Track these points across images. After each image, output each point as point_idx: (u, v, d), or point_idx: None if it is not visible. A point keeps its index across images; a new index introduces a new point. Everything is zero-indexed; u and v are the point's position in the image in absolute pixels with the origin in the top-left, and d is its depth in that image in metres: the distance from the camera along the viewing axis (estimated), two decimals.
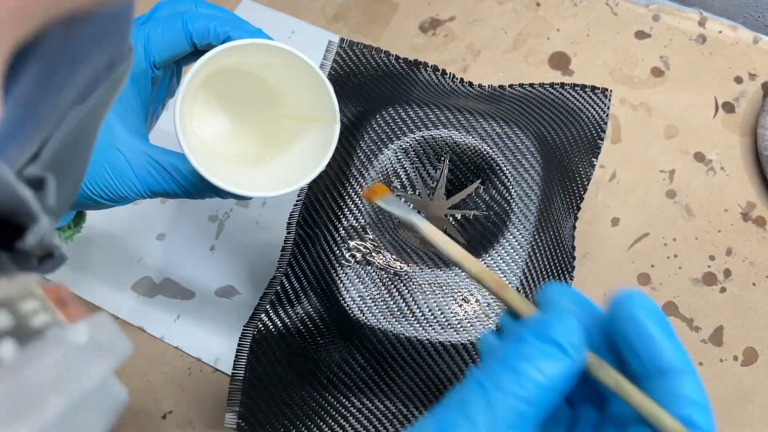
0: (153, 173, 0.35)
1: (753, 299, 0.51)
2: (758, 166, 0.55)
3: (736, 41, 0.60)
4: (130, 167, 0.34)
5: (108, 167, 0.34)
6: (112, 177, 0.34)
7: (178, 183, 0.35)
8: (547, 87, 0.50)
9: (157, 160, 0.34)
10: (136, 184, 0.35)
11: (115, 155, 0.34)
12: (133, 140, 0.34)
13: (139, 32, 0.35)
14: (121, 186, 0.35)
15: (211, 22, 0.35)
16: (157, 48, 0.35)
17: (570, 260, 0.46)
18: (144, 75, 0.35)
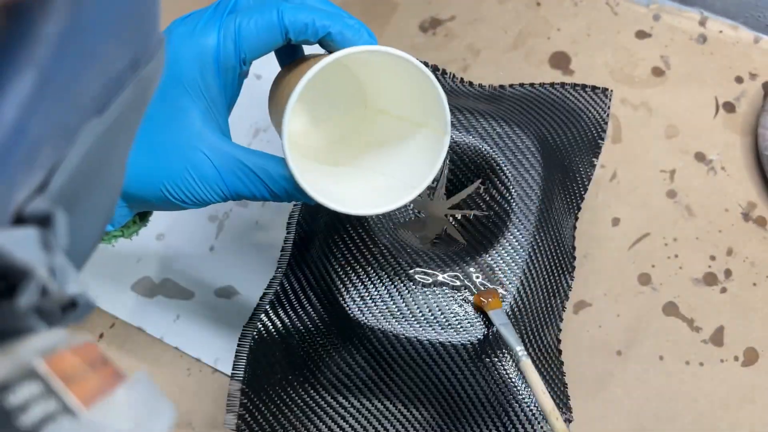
0: (242, 177, 0.32)
1: (754, 299, 0.51)
2: (759, 166, 0.55)
3: (736, 41, 0.60)
4: (217, 172, 0.32)
5: (192, 171, 0.32)
6: (197, 181, 0.32)
7: (268, 188, 0.32)
8: (548, 87, 0.50)
9: (247, 164, 0.32)
10: (222, 188, 0.32)
11: (200, 158, 0.32)
12: (218, 141, 0.32)
13: (228, 24, 0.32)
14: (206, 190, 0.32)
15: (309, 16, 0.31)
16: (248, 43, 0.32)
17: (570, 260, 0.46)
18: (233, 71, 0.33)
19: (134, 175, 0.33)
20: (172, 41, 0.32)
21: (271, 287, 0.44)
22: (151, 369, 0.51)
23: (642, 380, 0.49)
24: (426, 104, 0.33)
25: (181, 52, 0.32)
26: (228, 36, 0.32)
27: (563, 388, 0.45)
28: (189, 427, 0.49)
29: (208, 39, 0.32)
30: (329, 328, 0.43)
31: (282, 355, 0.44)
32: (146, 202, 0.34)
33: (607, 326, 0.50)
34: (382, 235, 0.43)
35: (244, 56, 0.32)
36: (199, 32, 0.32)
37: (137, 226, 0.39)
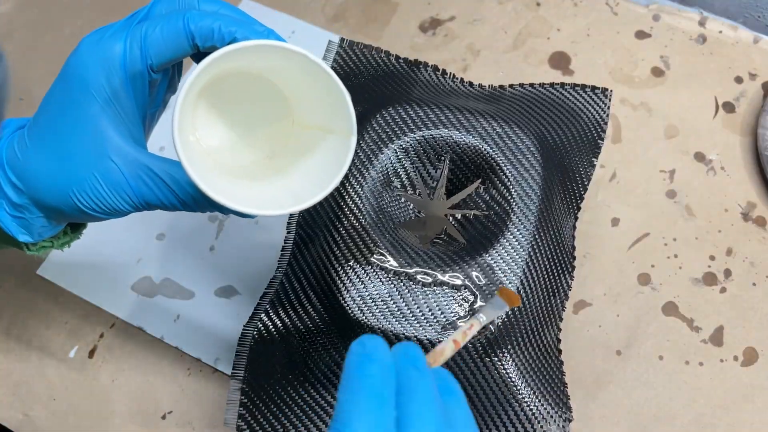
0: (149, 184, 0.32)
1: (753, 299, 0.51)
2: (758, 166, 0.55)
3: (736, 41, 0.60)
4: (124, 178, 0.32)
5: (100, 177, 0.32)
6: (104, 188, 0.32)
7: (176, 195, 0.33)
8: (548, 87, 0.50)
9: (154, 170, 0.32)
10: (130, 195, 0.33)
11: (107, 165, 0.32)
12: (128, 148, 0.32)
13: (135, 31, 0.32)
14: (114, 198, 0.33)
15: (215, 22, 0.32)
16: (155, 49, 0.32)
17: (570, 260, 0.46)
18: (141, 78, 0.33)
19: (44, 182, 0.33)
20: (81, 49, 0.33)
21: (271, 287, 0.44)
22: (151, 369, 0.51)
23: (642, 380, 0.49)
24: (334, 106, 0.33)
25: (88, 59, 0.32)
26: (134, 42, 0.32)
27: (563, 388, 0.45)
28: (189, 426, 0.49)
29: (114, 46, 0.32)
30: (329, 327, 0.43)
31: (282, 354, 0.44)
32: (60, 211, 0.34)
33: (607, 326, 0.50)
34: (382, 235, 0.43)
35: (151, 62, 0.32)
36: (106, 40, 0.32)
37: (68, 238, 0.40)
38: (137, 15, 0.34)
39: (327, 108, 0.34)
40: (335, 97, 0.32)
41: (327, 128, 0.34)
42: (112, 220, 0.55)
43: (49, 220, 0.36)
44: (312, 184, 0.33)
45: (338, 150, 0.33)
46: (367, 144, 0.44)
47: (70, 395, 0.50)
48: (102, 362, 0.51)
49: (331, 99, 0.32)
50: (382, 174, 0.44)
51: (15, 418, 0.50)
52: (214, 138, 0.37)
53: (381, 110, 0.45)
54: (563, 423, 0.44)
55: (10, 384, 0.51)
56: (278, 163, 0.37)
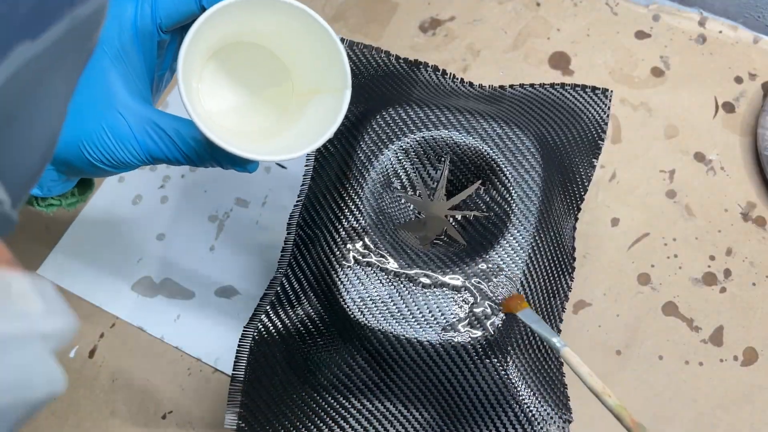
0: (155, 138, 0.33)
1: (753, 299, 0.51)
2: (758, 166, 0.55)
3: (736, 41, 0.60)
4: (130, 130, 0.33)
5: (108, 129, 0.33)
6: (112, 140, 0.33)
7: (180, 149, 0.34)
8: (548, 87, 0.50)
9: (160, 125, 0.33)
10: (136, 148, 0.33)
11: (116, 117, 0.33)
12: (136, 103, 0.33)
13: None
14: (120, 150, 0.33)
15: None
16: (164, 10, 0.33)
17: (570, 261, 0.46)
18: (149, 37, 0.34)
19: None
20: None
21: (271, 287, 0.44)
22: (151, 369, 0.51)
23: (641, 380, 0.49)
24: (330, 63, 0.34)
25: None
26: (145, 2, 0.33)
27: (563, 389, 0.45)
28: (189, 426, 0.49)
29: (126, 4, 0.33)
30: (329, 328, 0.43)
31: (282, 355, 0.44)
32: (69, 164, 0.35)
33: (607, 326, 0.50)
34: (382, 236, 0.43)
35: (160, 22, 0.33)
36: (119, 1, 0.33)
37: (76, 199, 0.40)
38: None
39: (323, 66, 0.35)
40: (331, 52, 0.33)
41: (323, 89, 0.36)
42: (113, 221, 0.55)
43: (59, 174, 0.36)
44: (309, 139, 0.34)
45: (333, 105, 0.34)
46: (367, 144, 0.44)
47: (70, 395, 0.50)
48: (102, 362, 0.51)
49: (326, 54, 0.34)
50: (382, 175, 0.44)
51: None
52: (218, 103, 0.38)
53: (381, 111, 0.45)
54: (563, 424, 0.44)
55: None
56: (279, 127, 0.38)
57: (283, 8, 0.32)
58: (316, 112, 0.36)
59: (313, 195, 0.44)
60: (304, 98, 0.37)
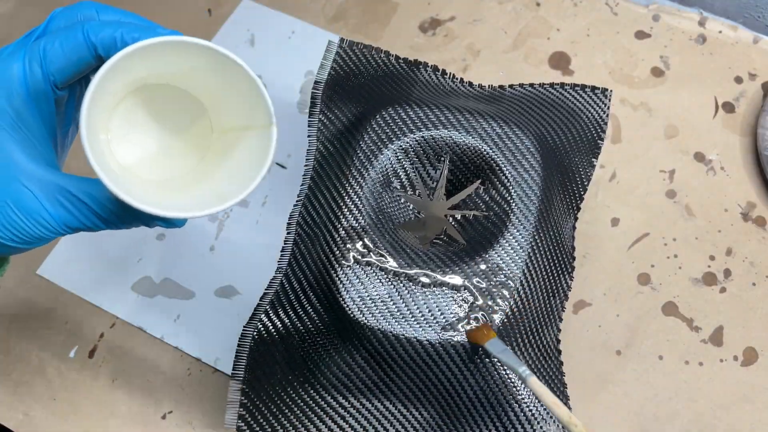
0: (67, 206, 0.30)
1: (753, 299, 0.51)
2: (758, 166, 0.55)
3: (736, 41, 0.60)
4: (39, 203, 0.30)
5: (13, 205, 0.30)
6: (20, 216, 0.30)
7: (97, 214, 0.31)
8: (547, 87, 0.50)
9: (71, 191, 0.30)
10: (48, 220, 0.30)
11: (20, 191, 0.30)
12: (40, 170, 0.30)
13: (33, 49, 0.30)
14: (30, 225, 0.30)
15: (117, 30, 0.30)
16: (56, 65, 0.30)
17: (570, 260, 0.46)
18: (45, 97, 0.31)
19: None
20: None
21: (271, 287, 0.44)
22: (151, 369, 0.51)
23: (641, 380, 0.49)
24: (251, 100, 0.32)
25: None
26: (33, 60, 0.30)
27: (563, 388, 0.45)
28: (189, 426, 0.49)
29: (12, 67, 0.30)
30: (329, 328, 0.43)
31: (282, 355, 0.44)
32: None
33: (607, 326, 0.50)
34: (382, 236, 0.43)
35: (54, 79, 0.31)
36: (3, 61, 0.31)
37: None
38: (33, 33, 0.32)
39: (244, 103, 0.32)
40: (250, 90, 0.31)
41: (246, 126, 0.33)
42: None
43: None
44: (238, 183, 0.32)
45: (261, 144, 0.32)
46: (367, 144, 0.44)
47: (70, 395, 0.50)
48: (102, 362, 0.51)
49: (245, 91, 0.31)
50: (381, 174, 0.44)
51: (15, 418, 0.50)
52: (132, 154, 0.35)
53: (381, 110, 0.45)
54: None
55: (10, 384, 0.51)
56: (203, 170, 0.35)
57: (191, 49, 0.30)
58: (244, 152, 0.33)
59: (313, 195, 0.44)
60: (228, 136, 0.35)
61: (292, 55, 0.61)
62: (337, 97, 0.47)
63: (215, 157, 0.35)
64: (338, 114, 0.47)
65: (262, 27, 0.62)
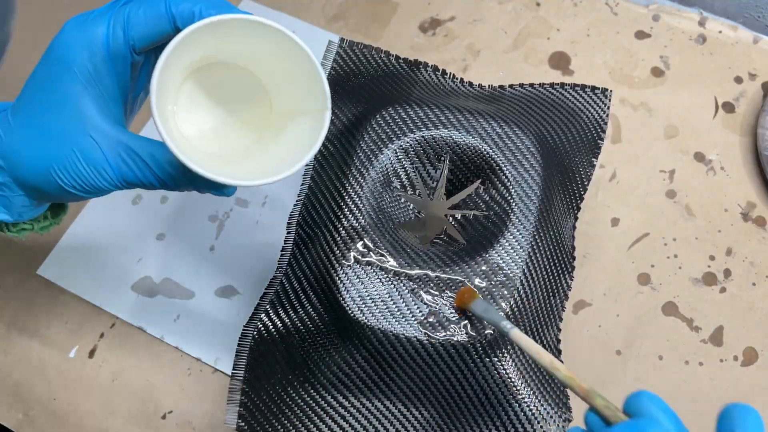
0: (129, 162, 0.33)
1: (753, 299, 0.51)
2: (758, 166, 0.55)
3: (736, 41, 0.60)
4: (104, 156, 0.33)
5: (80, 155, 0.33)
6: (84, 165, 0.33)
7: (155, 174, 0.33)
8: (547, 87, 0.50)
9: (134, 149, 0.33)
10: (110, 173, 0.33)
11: (88, 142, 0.33)
12: (108, 127, 0.33)
13: (119, 14, 0.33)
14: (93, 175, 0.33)
15: (196, 5, 0.32)
16: (137, 31, 0.32)
17: (570, 260, 0.46)
18: (123, 59, 0.33)
19: (26, 160, 0.33)
20: (64, 30, 0.33)
21: (271, 287, 0.44)
22: (151, 369, 0.51)
23: (641, 380, 0.49)
24: (309, 84, 0.33)
25: (71, 39, 0.33)
26: (117, 24, 0.33)
27: (563, 388, 0.45)
28: (189, 426, 0.49)
29: (97, 27, 0.33)
30: (329, 327, 0.43)
31: (282, 354, 0.44)
32: (40, 190, 0.35)
33: (607, 326, 0.50)
34: (382, 236, 0.43)
35: (134, 44, 0.33)
36: (90, 21, 0.33)
37: (48, 222, 0.40)
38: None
39: (302, 86, 0.34)
40: (310, 73, 0.33)
41: (302, 110, 0.35)
42: (113, 221, 0.55)
43: (30, 199, 0.36)
44: (288, 160, 0.33)
45: (313, 126, 0.34)
46: (367, 144, 0.44)
47: (70, 395, 0.50)
48: (102, 362, 0.51)
49: (306, 74, 0.33)
50: (381, 174, 0.44)
51: (15, 418, 0.50)
52: (195, 125, 0.37)
53: (381, 110, 0.45)
54: (563, 423, 0.44)
55: (10, 384, 0.51)
56: (258, 148, 0.37)
57: (259, 29, 0.32)
58: (295, 134, 0.35)
59: (313, 194, 0.44)
60: (283, 118, 0.37)
61: None
62: (337, 97, 0.47)
63: (270, 136, 0.37)
64: (338, 114, 0.47)
65: None
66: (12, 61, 0.63)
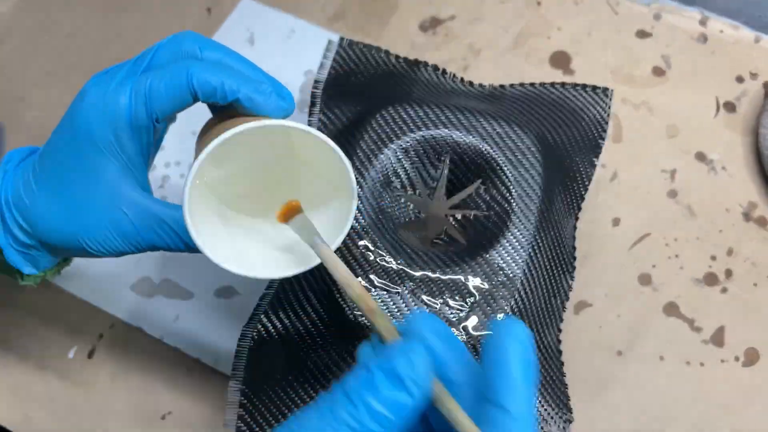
0: (158, 231, 0.34)
1: (755, 299, 0.51)
2: (760, 166, 0.55)
3: (737, 40, 0.60)
4: (133, 226, 0.34)
5: (111, 227, 0.34)
6: (115, 237, 0.34)
7: (182, 240, 0.34)
8: (548, 86, 0.50)
9: (163, 218, 0.34)
10: (138, 241, 0.34)
11: (119, 216, 0.34)
12: (136, 196, 0.34)
13: (140, 85, 0.33)
14: (122, 243, 0.34)
15: (218, 79, 0.32)
16: (158, 103, 0.33)
17: (571, 260, 0.46)
18: (146, 131, 0.34)
19: (54, 228, 0.35)
20: (86, 101, 0.34)
21: (270, 288, 0.44)
22: (150, 369, 0.51)
23: (642, 381, 0.49)
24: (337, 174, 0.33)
25: (93, 111, 0.33)
26: (139, 98, 0.33)
27: (563, 389, 0.45)
28: (189, 426, 0.49)
29: (119, 101, 0.33)
30: (329, 328, 0.43)
31: (282, 355, 0.44)
32: (67, 252, 0.37)
33: (608, 326, 0.50)
34: (382, 236, 0.43)
35: (156, 116, 0.33)
36: (111, 93, 0.33)
37: (60, 266, 0.41)
38: (141, 62, 0.35)
39: (331, 174, 0.34)
40: (338, 166, 0.33)
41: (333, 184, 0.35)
42: None
43: (52, 256, 0.38)
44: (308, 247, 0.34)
45: (341, 212, 0.34)
46: (367, 144, 0.44)
47: (70, 395, 0.50)
48: (102, 363, 0.51)
49: (334, 167, 0.33)
50: (381, 174, 0.44)
51: (15, 418, 0.50)
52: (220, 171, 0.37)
53: (381, 110, 0.45)
54: (564, 424, 0.43)
55: (10, 384, 0.51)
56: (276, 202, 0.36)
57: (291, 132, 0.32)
58: (324, 214, 0.35)
59: None
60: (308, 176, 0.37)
61: (292, 54, 0.60)
62: (337, 96, 0.47)
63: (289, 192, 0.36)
64: (338, 113, 0.47)
65: (262, 26, 0.62)
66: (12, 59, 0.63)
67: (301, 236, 0.34)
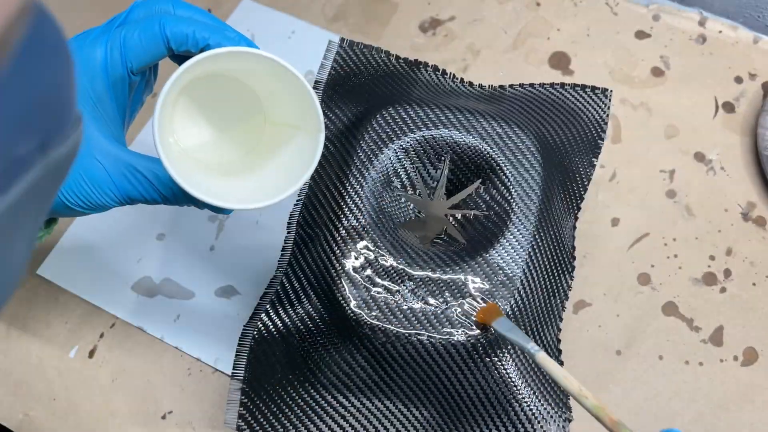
0: (131, 180, 0.34)
1: (753, 299, 0.51)
2: (758, 166, 0.55)
3: (736, 41, 0.60)
4: (107, 175, 0.34)
5: (84, 175, 0.34)
6: (89, 185, 0.34)
7: (157, 190, 0.34)
8: (548, 87, 0.50)
9: (136, 167, 0.34)
10: (113, 191, 0.34)
11: (92, 163, 0.34)
12: (111, 147, 0.34)
13: (115, 36, 0.34)
14: (98, 194, 0.34)
15: (189, 28, 0.34)
16: (133, 53, 0.34)
17: (570, 260, 0.46)
18: (121, 81, 0.35)
19: None
20: None
21: (271, 287, 0.44)
22: (151, 369, 0.51)
23: (641, 380, 0.49)
24: (303, 106, 0.35)
25: None
26: (114, 47, 0.34)
27: (563, 388, 0.45)
28: (189, 426, 0.49)
29: (96, 51, 0.34)
30: (329, 327, 0.43)
31: (282, 354, 0.44)
32: None
33: (607, 326, 0.50)
34: (382, 235, 0.43)
35: (131, 66, 0.34)
36: (88, 45, 0.34)
37: (42, 233, 0.41)
38: (116, 20, 0.35)
39: (296, 107, 0.35)
40: (303, 97, 0.34)
41: (296, 125, 0.36)
42: (112, 221, 0.55)
43: None
44: (284, 181, 0.35)
45: (308, 147, 0.35)
46: (367, 144, 0.44)
47: (70, 395, 0.50)
48: (102, 362, 0.51)
49: (301, 99, 0.34)
50: (382, 174, 0.44)
51: (15, 418, 0.50)
52: (192, 137, 0.39)
53: (381, 110, 0.45)
54: (563, 423, 0.44)
55: (10, 384, 0.51)
56: (253, 160, 0.38)
57: (253, 57, 0.33)
58: (292, 151, 0.37)
59: (313, 194, 0.44)
60: (279, 131, 0.38)
61: (292, 55, 0.61)
62: (337, 96, 0.47)
63: (265, 149, 0.38)
64: (338, 114, 0.47)
65: (262, 27, 0.62)
66: None
67: (511, 340, 0.36)
